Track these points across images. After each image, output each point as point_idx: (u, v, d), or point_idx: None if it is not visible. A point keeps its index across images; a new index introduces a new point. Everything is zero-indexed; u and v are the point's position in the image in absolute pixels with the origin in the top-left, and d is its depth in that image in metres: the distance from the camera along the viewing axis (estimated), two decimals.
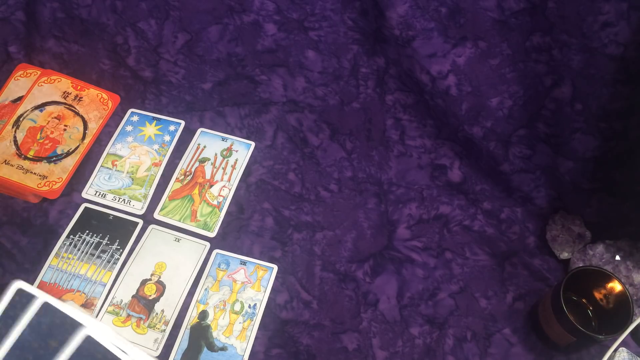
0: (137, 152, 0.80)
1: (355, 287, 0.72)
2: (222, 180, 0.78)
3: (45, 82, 0.83)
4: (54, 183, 0.75)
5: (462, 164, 0.81)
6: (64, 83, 0.83)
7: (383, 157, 0.81)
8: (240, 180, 0.78)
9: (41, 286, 0.69)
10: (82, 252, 0.72)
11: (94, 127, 0.81)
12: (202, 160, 0.80)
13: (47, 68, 0.84)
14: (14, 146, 0.77)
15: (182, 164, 0.79)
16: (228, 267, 0.72)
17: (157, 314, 0.68)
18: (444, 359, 0.68)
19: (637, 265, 0.69)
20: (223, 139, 0.82)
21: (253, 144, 0.81)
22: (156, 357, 0.66)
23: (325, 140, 0.82)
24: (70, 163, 0.77)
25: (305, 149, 0.81)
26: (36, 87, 0.82)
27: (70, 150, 0.78)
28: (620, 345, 0.63)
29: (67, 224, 0.73)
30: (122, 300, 0.69)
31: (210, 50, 0.84)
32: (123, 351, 0.45)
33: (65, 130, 0.80)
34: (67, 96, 0.82)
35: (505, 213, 0.78)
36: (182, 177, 0.78)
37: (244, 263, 0.72)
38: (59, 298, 0.62)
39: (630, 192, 0.71)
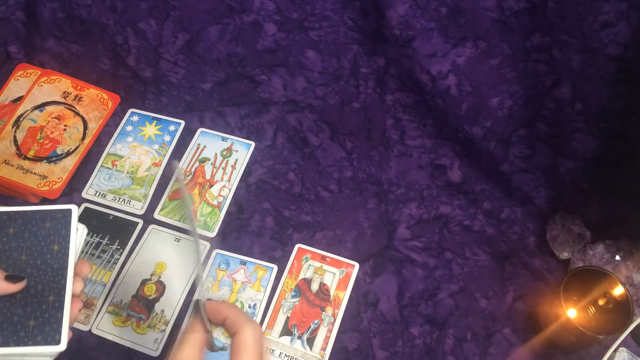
0: (137, 152, 0.80)
1: (355, 287, 0.72)
2: (222, 180, 0.78)
3: (45, 82, 0.83)
4: (54, 183, 0.75)
5: (462, 164, 0.81)
6: (64, 83, 0.83)
7: (383, 157, 0.81)
8: (240, 180, 0.78)
9: None
10: (82, 252, 0.72)
11: (94, 127, 0.81)
12: (202, 160, 0.80)
13: (47, 68, 0.84)
14: (14, 146, 0.77)
15: (182, 164, 0.79)
16: (228, 267, 0.72)
17: (157, 314, 0.68)
18: (444, 359, 0.68)
19: (637, 265, 0.69)
20: (223, 139, 0.82)
21: (253, 144, 0.81)
22: (156, 357, 0.66)
23: (325, 140, 0.82)
24: (70, 163, 0.77)
25: (305, 149, 0.81)
26: (36, 87, 0.82)
27: (70, 150, 0.78)
28: (620, 345, 0.63)
29: None
30: (122, 300, 0.69)
31: (210, 50, 0.84)
32: None
33: (65, 130, 0.80)
34: (67, 96, 0.82)
35: (505, 213, 0.78)
36: (182, 177, 0.78)
37: (244, 263, 0.72)
38: None
39: (630, 192, 0.70)
